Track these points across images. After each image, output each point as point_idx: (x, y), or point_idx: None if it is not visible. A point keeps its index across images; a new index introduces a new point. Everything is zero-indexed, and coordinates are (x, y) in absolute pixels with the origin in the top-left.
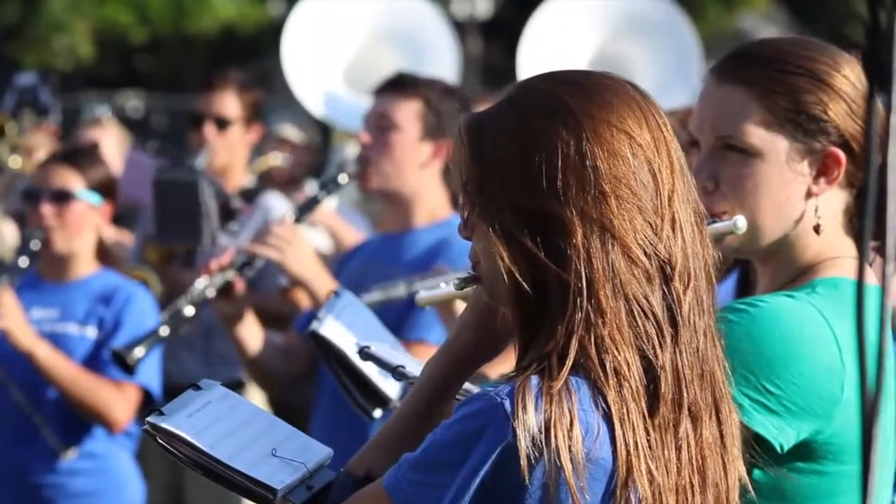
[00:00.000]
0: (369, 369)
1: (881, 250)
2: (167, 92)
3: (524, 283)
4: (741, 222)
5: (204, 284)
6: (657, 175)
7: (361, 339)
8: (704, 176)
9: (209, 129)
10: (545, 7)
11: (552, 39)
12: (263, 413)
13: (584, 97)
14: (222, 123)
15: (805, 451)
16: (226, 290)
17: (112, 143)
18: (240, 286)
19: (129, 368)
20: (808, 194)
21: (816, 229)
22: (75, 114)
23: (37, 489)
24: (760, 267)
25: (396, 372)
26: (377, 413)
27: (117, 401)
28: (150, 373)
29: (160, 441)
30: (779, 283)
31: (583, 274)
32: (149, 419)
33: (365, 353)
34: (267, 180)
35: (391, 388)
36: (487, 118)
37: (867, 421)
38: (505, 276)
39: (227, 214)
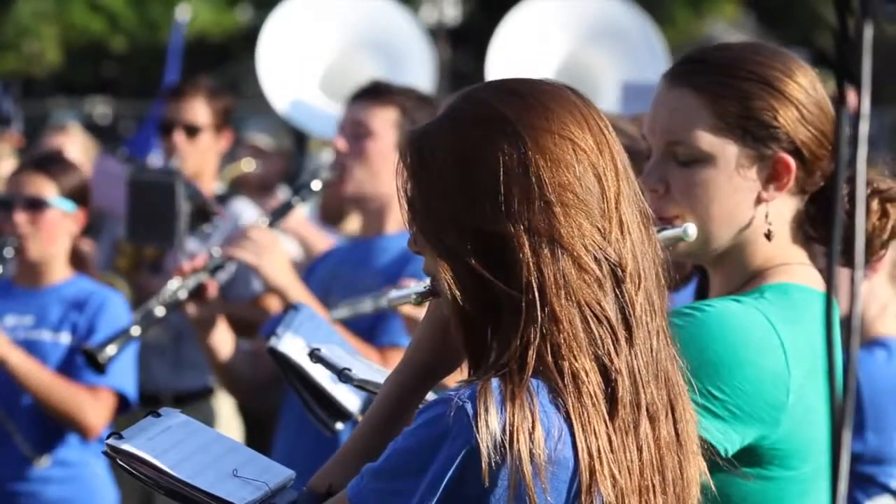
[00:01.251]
0: (329, 384)
1: (835, 256)
2: (136, 98)
3: (470, 301)
4: (691, 230)
5: (176, 286)
6: (602, 178)
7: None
8: (654, 179)
9: (179, 136)
10: (514, 13)
11: (521, 46)
12: (224, 437)
13: (524, 106)
14: (192, 130)
15: (751, 457)
16: (198, 292)
17: (77, 151)
18: (212, 289)
19: (100, 367)
20: (759, 200)
21: (768, 235)
22: (43, 120)
23: (10, 497)
24: (712, 272)
25: (343, 374)
26: (339, 426)
27: (92, 406)
28: (126, 377)
29: (120, 462)
30: (729, 288)
31: (534, 285)
32: (108, 441)
33: (314, 356)
34: (239, 187)
35: (352, 401)
36: (427, 134)
37: (836, 427)
38: (449, 294)
39: (203, 217)
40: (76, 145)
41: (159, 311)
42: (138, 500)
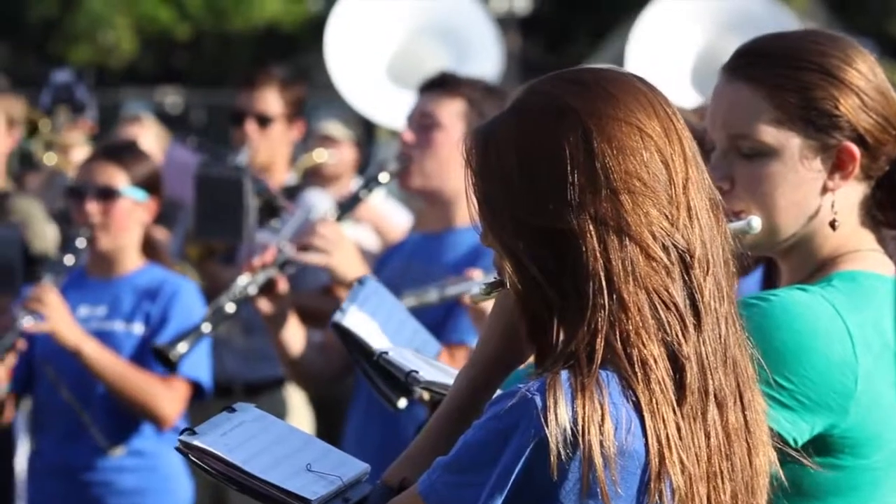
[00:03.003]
0: (419, 366)
1: None
2: (207, 88)
3: (536, 293)
4: (755, 222)
5: (246, 282)
6: (670, 165)
7: (385, 328)
8: (719, 176)
9: (251, 126)
10: (651, 8)
11: (658, 41)
12: (298, 431)
13: (589, 95)
14: (264, 120)
15: (821, 446)
16: (268, 287)
17: (150, 141)
18: (282, 284)
19: (171, 365)
20: (824, 190)
21: (832, 224)
22: (115, 110)
23: (85, 487)
24: (781, 262)
25: (409, 377)
26: (402, 403)
27: (166, 397)
28: (200, 366)
29: (192, 458)
30: (798, 277)
31: (601, 274)
32: (180, 437)
33: (382, 359)
34: (311, 178)
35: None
36: (492, 128)
37: None
38: (515, 287)
39: (271, 212)
40: (150, 135)
41: (229, 308)
42: (210, 493)
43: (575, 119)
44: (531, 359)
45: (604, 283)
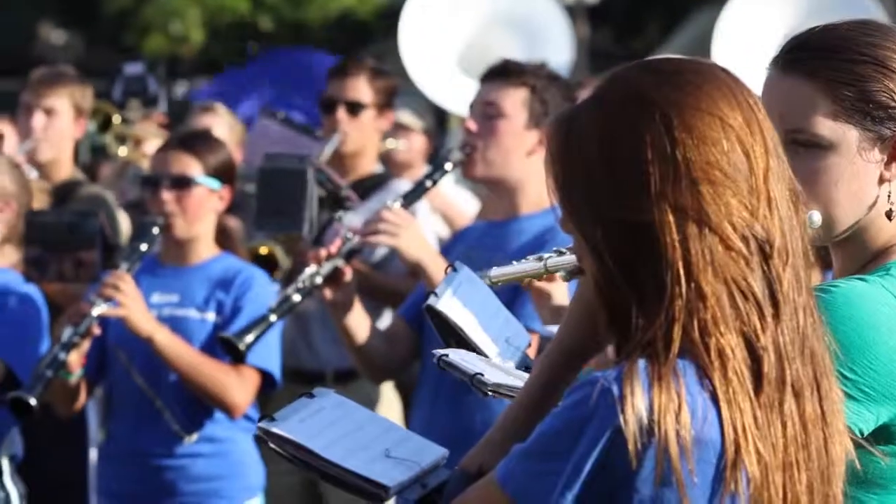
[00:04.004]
0: (487, 345)
1: None
2: None
3: (614, 281)
4: (816, 217)
5: (312, 271)
6: (750, 155)
7: (479, 315)
8: None
9: (341, 114)
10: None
11: (744, 29)
12: (378, 417)
13: (670, 85)
14: (354, 109)
15: (886, 435)
16: (334, 277)
17: (223, 130)
18: (347, 273)
19: (239, 355)
20: (881, 181)
21: (888, 215)
22: (187, 100)
23: (158, 472)
24: (835, 253)
25: (474, 381)
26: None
27: (237, 385)
28: (270, 356)
29: (272, 445)
30: (854, 267)
31: (680, 263)
32: (260, 424)
33: (443, 362)
34: (385, 165)
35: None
36: (573, 117)
37: None
38: (593, 274)
39: (337, 203)
40: (222, 124)
41: (296, 297)
42: (301, 479)
43: (656, 109)
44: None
45: (682, 273)
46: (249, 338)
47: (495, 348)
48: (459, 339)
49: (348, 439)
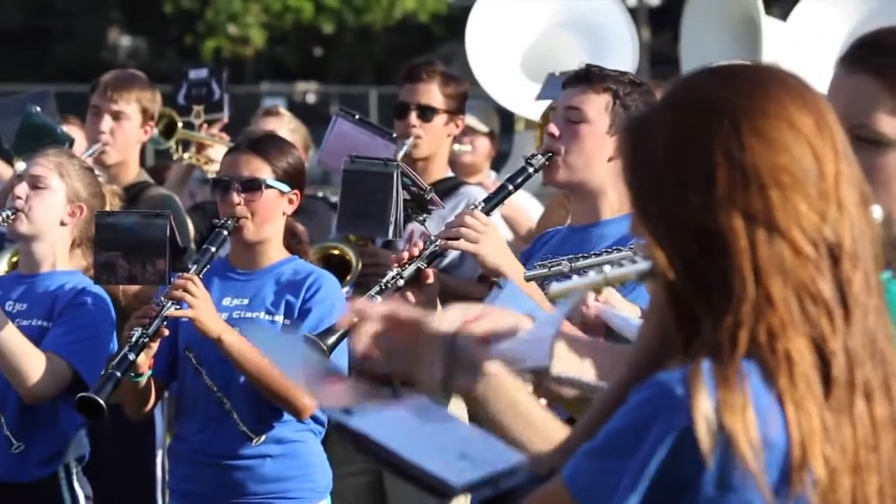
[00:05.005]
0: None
1: None
2: (343, 81)
3: (683, 284)
4: (876, 213)
5: (394, 274)
6: (821, 159)
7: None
8: None
9: (414, 119)
10: (801, 5)
11: (809, 31)
12: (455, 418)
13: (741, 89)
14: (426, 113)
15: None
16: (416, 279)
17: (286, 134)
18: (429, 276)
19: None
20: None
21: None
22: (250, 104)
23: (227, 473)
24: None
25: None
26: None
27: None
28: (340, 357)
29: (346, 438)
30: None
31: (748, 268)
32: (334, 416)
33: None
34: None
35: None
36: (643, 120)
37: None
38: (663, 277)
39: (421, 206)
40: (286, 128)
41: (378, 300)
42: (368, 479)
43: (725, 114)
44: None
45: (751, 277)
46: (331, 339)
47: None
48: None
49: (424, 438)
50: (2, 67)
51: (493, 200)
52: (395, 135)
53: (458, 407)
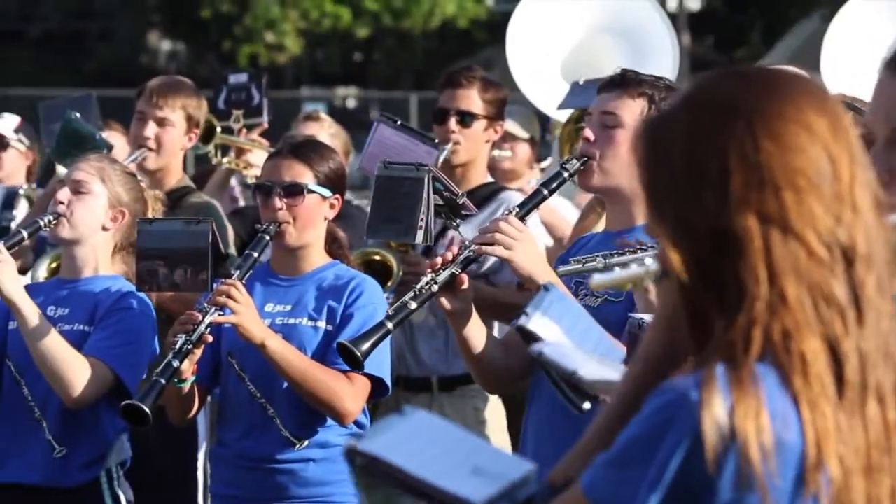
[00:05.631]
0: (580, 363)
1: None
2: (383, 87)
3: (696, 285)
4: (894, 219)
5: (428, 279)
6: (836, 163)
7: (570, 334)
8: (880, 167)
9: (453, 124)
10: (846, 8)
11: (854, 35)
12: (466, 433)
13: (757, 91)
14: (466, 119)
15: None
16: (450, 285)
17: (326, 138)
18: (464, 281)
19: (356, 362)
20: None
21: None
22: (290, 109)
23: (269, 477)
24: None
25: (572, 379)
26: (586, 406)
27: (348, 392)
28: (382, 363)
29: (360, 464)
30: None
31: (763, 269)
32: (347, 443)
33: (541, 359)
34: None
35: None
36: (660, 122)
37: None
38: (676, 278)
39: (454, 212)
40: (326, 133)
41: (412, 305)
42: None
43: (741, 116)
44: None
45: (765, 277)
46: (366, 346)
47: (586, 367)
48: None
49: (436, 456)
50: (40, 70)
51: (528, 206)
52: (437, 140)
53: (491, 409)
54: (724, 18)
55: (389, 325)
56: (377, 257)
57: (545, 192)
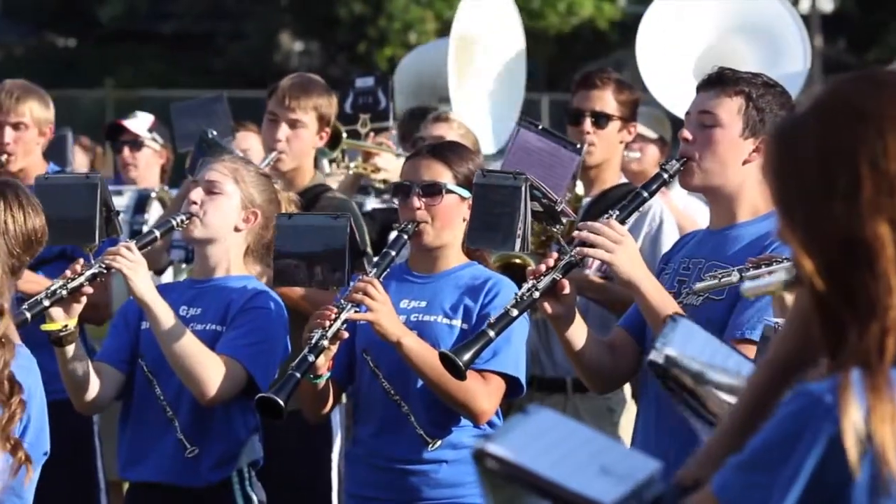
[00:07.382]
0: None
1: None
2: None
3: (829, 291)
4: None
5: (530, 286)
6: None
7: (702, 365)
8: None
9: (588, 125)
10: None
11: None
12: (592, 432)
13: (888, 97)
14: (600, 120)
15: None
16: (552, 290)
17: (455, 139)
18: (566, 286)
19: (459, 372)
20: None
21: None
22: (421, 113)
23: (403, 477)
24: None
25: (698, 378)
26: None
27: (483, 392)
28: (517, 362)
29: (487, 465)
30: None
31: (894, 276)
32: (476, 445)
33: (668, 361)
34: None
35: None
36: (791, 128)
37: None
38: (809, 285)
39: (553, 218)
40: (456, 134)
41: (514, 312)
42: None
43: (872, 122)
44: None
45: None
46: (468, 355)
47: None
48: (692, 393)
49: (564, 456)
50: (172, 69)
51: (628, 208)
52: (579, 145)
53: (627, 407)
54: (857, 20)
55: (491, 334)
56: (517, 260)
57: (645, 194)
